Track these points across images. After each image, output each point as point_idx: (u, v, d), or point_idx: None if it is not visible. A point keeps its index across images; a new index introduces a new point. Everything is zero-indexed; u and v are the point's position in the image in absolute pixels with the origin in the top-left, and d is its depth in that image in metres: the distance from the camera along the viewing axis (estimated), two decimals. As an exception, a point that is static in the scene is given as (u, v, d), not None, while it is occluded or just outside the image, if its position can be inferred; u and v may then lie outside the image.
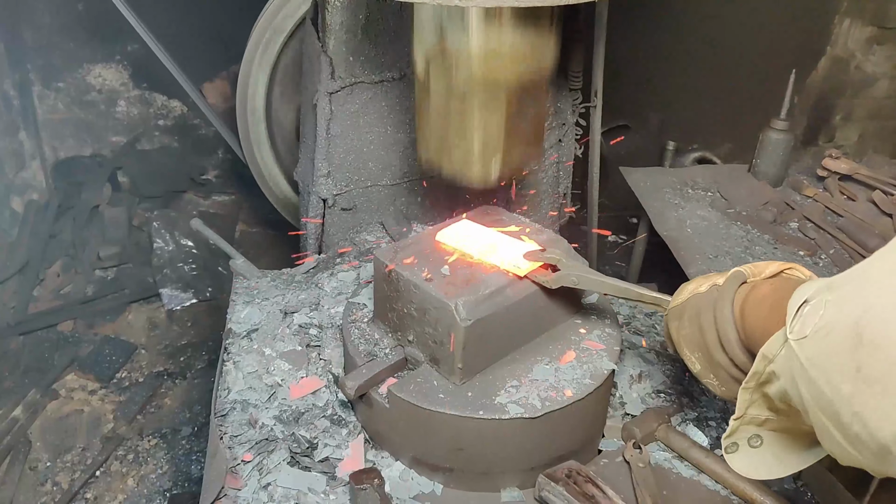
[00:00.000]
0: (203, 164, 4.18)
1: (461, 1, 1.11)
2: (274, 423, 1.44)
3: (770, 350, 0.89)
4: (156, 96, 3.98)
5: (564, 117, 2.07)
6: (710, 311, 1.10)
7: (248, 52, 2.60)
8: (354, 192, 1.96)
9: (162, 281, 3.36)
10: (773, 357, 0.88)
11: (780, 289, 1.03)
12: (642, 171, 2.39)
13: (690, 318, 1.15)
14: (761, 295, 1.04)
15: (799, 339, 0.82)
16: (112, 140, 4.06)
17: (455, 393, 1.31)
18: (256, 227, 4.00)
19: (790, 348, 0.84)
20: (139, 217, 3.83)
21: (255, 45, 2.58)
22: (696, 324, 1.13)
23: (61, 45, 3.77)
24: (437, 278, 1.36)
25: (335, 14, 1.76)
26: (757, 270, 1.11)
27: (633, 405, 1.53)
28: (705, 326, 1.11)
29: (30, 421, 2.71)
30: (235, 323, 1.69)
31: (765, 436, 1.04)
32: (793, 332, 0.84)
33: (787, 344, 0.84)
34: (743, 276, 1.10)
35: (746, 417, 1.02)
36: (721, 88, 3.65)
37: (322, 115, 1.83)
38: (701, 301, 1.14)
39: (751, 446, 1.06)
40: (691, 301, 1.17)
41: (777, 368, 0.88)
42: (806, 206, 2.21)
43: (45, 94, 3.90)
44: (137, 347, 3.13)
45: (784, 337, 0.85)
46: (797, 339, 0.83)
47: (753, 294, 1.06)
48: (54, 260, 3.55)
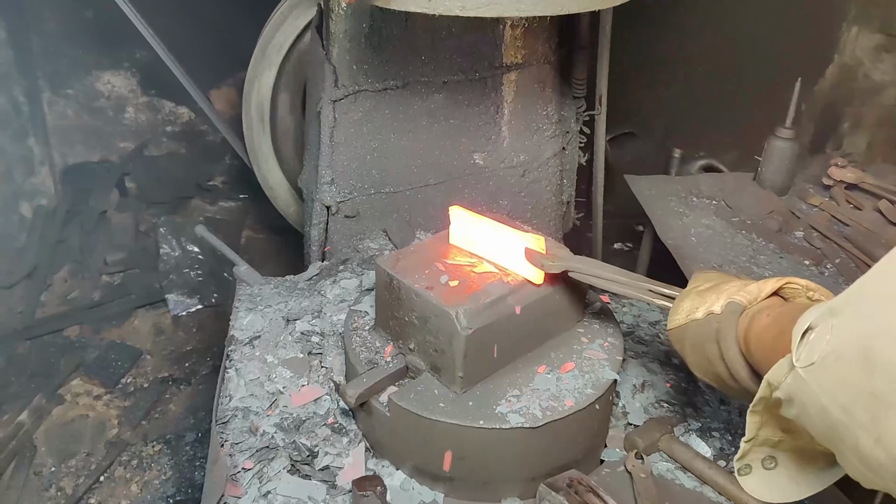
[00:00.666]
0: (210, 171, 4.19)
1: (461, 11, 1.12)
2: (275, 430, 1.44)
3: (775, 377, 0.87)
4: (164, 103, 4.00)
5: (568, 125, 2.07)
6: (714, 345, 1.07)
7: (253, 60, 2.61)
8: (358, 199, 1.97)
9: (168, 287, 3.37)
10: (778, 384, 0.86)
11: (781, 316, 1.00)
12: (647, 179, 2.39)
13: (693, 347, 1.13)
14: (763, 326, 1.02)
15: (806, 366, 0.81)
16: (120, 146, 4.07)
17: (456, 402, 1.31)
18: (263, 233, 4.00)
19: (797, 376, 0.82)
20: (146, 223, 3.85)
21: (260, 53, 2.59)
22: (702, 353, 1.11)
23: (70, 51, 3.80)
24: (438, 286, 1.36)
25: (339, 22, 1.77)
26: (752, 297, 1.07)
27: (636, 415, 1.52)
28: (713, 359, 1.08)
29: (35, 426, 2.72)
30: (238, 330, 1.69)
31: (779, 457, 1.02)
32: (799, 360, 0.82)
33: (794, 371, 0.83)
34: (740, 308, 1.07)
35: (759, 439, 1.00)
36: (728, 96, 3.63)
37: (326, 122, 1.84)
38: (700, 331, 1.11)
39: (765, 468, 1.04)
40: (690, 328, 1.13)
41: (784, 395, 0.86)
42: (812, 215, 2.20)
43: (55, 100, 3.92)
44: (143, 353, 3.13)
45: (790, 364, 0.84)
46: (804, 366, 0.81)
47: (755, 326, 1.03)
48: (62, 265, 3.57)
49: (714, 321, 1.08)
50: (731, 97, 3.61)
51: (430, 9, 1.14)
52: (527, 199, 2.07)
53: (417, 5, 1.15)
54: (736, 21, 3.45)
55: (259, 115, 2.73)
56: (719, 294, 1.10)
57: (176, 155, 4.14)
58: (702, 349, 1.10)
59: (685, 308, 1.15)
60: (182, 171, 4.10)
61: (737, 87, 3.58)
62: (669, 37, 3.49)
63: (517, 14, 1.13)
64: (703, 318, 1.10)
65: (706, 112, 3.70)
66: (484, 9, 1.11)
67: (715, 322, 1.08)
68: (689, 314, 1.13)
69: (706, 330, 1.09)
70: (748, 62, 3.53)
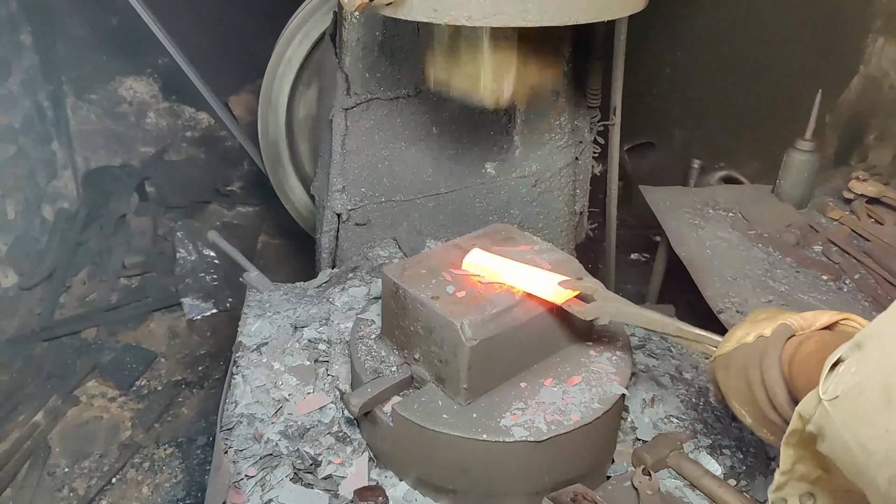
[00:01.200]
0: (228, 176, 4.24)
1: (467, 20, 1.11)
2: (279, 438, 1.44)
3: (805, 410, 0.84)
4: (184, 108, 4.05)
5: (582, 135, 2.05)
6: (758, 368, 1.04)
7: (270, 67, 2.63)
8: (368, 207, 1.97)
9: (184, 290, 3.39)
10: (809, 417, 0.84)
11: (827, 343, 0.96)
12: (662, 191, 2.36)
13: (737, 371, 1.10)
14: (808, 351, 0.99)
15: (831, 399, 0.78)
16: (141, 151, 4.13)
17: (460, 413, 1.30)
18: (279, 238, 4.03)
19: (824, 409, 0.80)
20: (164, 226, 3.89)
21: (277, 59, 2.61)
22: (744, 378, 1.08)
23: (94, 58, 3.86)
24: (444, 296, 1.34)
25: (352, 31, 1.77)
26: (806, 323, 1.04)
27: (645, 430, 1.50)
28: (754, 383, 1.05)
29: (50, 426, 2.75)
30: (246, 336, 1.70)
31: (819, 494, 0.96)
32: (826, 393, 0.80)
33: (822, 405, 0.80)
34: (790, 330, 1.04)
35: (795, 473, 0.95)
36: (749, 106, 3.59)
37: (337, 130, 1.84)
38: (748, 353, 1.08)
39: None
40: (738, 352, 1.10)
41: (815, 429, 0.84)
42: (831, 228, 2.16)
43: (79, 105, 3.99)
44: (157, 356, 3.16)
45: (818, 397, 0.81)
46: (829, 399, 0.79)
47: (801, 350, 1.00)
48: (81, 268, 3.61)
49: (762, 343, 1.06)
50: (753, 108, 3.57)
51: (436, 18, 1.14)
52: (538, 209, 2.06)
53: (424, 15, 1.14)
54: (759, 31, 3.41)
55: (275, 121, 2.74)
56: (774, 322, 1.08)
57: (195, 160, 4.19)
58: (745, 373, 1.07)
59: (738, 335, 1.12)
60: (201, 176, 4.15)
61: (759, 98, 3.55)
62: (689, 46, 3.46)
63: (523, 24, 1.12)
64: (753, 341, 1.08)
65: (727, 122, 3.66)
66: (490, 18, 1.10)
67: (763, 344, 1.06)
68: (740, 340, 1.11)
69: (753, 353, 1.06)
70: (770, 72, 3.49)
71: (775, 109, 3.48)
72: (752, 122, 3.61)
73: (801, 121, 2.29)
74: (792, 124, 2.38)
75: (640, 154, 3.80)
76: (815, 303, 1.83)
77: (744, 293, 1.84)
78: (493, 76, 1.43)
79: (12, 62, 3.44)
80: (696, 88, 3.58)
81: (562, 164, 2.03)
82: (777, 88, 3.48)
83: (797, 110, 2.60)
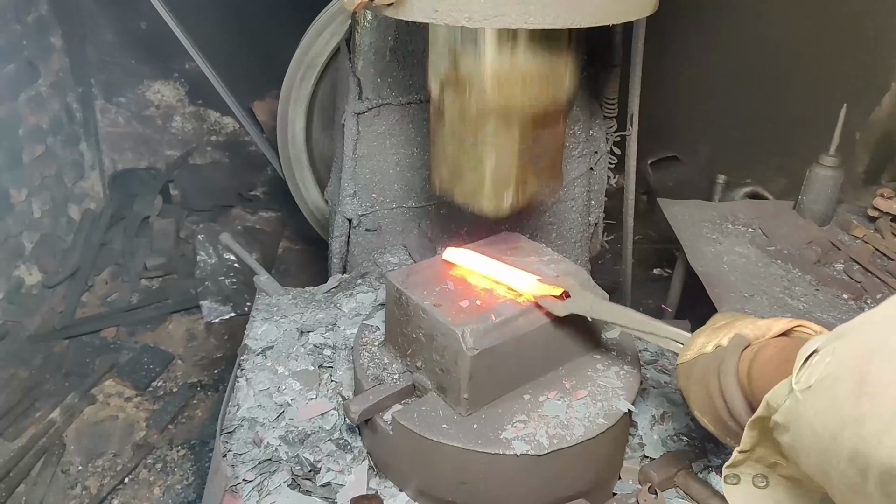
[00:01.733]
0: (252, 181, 4.27)
1: (468, 22, 1.10)
2: (279, 443, 1.43)
3: (775, 399, 0.83)
4: (210, 113, 4.10)
5: (597, 145, 2.02)
6: (716, 377, 1.04)
7: (289, 73, 2.64)
8: (379, 213, 1.96)
9: (203, 293, 3.42)
10: (777, 406, 0.82)
11: (787, 346, 0.96)
12: (681, 204, 2.32)
13: (697, 381, 1.10)
14: (766, 358, 0.98)
15: (804, 388, 0.77)
16: (167, 154, 4.19)
17: (460, 424, 1.28)
18: (300, 243, 4.05)
19: (795, 398, 0.78)
20: (186, 229, 3.93)
21: (296, 65, 2.62)
22: (704, 387, 1.07)
23: (124, 61, 3.93)
24: (447, 304, 1.33)
25: (365, 35, 1.77)
26: (760, 332, 1.04)
27: (653, 447, 1.46)
28: (713, 392, 1.05)
29: (66, 424, 2.78)
30: (252, 339, 1.69)
31: (772, 479, 0.97)
32: (799, 383, 0.78)
33: (793, 394, 0.79)
34: (745, 340, 1.04)
35: (754, 455, 0.96)
36: (777, 121, 3.53)
37: (349, 135, 1.84)
38: (707, 363, 1.08)
39: (755, 485, 0.99)
40: (698, 361, 1.10)
41: (781, 419, 0.82)
42: (854, 247, 2.10)
43: (107, 108, 4.06)
44: (174, 357, 3.18)
45: (790, 387, 0.80)
46: (802, 388, 0.77)
47: (759, 358, 0.99)
48: (104, 268, 3.66)
49: (720, 353, 1.06)
50: (782, 123, 3.51)
51: (436, 19, 1.13)
52: (551, 218, 2.03)
53: (424, 15, 1.14)
54: (789, 45, 3.36)
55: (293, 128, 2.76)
56: (731, 329, 1.08)
57: (219, 164, 4.23)
58: (705, 382, 1.07)
59: (698, 343, 1.12)
60: (224, 181, 4.19)
61: (787, 113, 3.48)
62: (717, 60, 3.42)
63: (525, 26, 1.11)
64: (712, 351, 1.08)
65: (754, 138, 3.60)
66: (491, 20, 1.09)
67: (720, 354, 1.06)
68: (700, 348, 1.11)
69: (712, 363, 1.06)
70: (799, 88, 3.42)
71: (804, 126, 3.41)
72: (780, 138, 3.55)
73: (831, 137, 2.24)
74: (821, 141, 2.33)
75: (665, 168, 3.76)
76: (835, 322, 1.78)
77: (760, 310, 1.79)
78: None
79: (42, 64, 3.51)
80: (721, 103, 3.53)
81: (576, 174, 2.00)
82: (806, 105, 3.41)
83: (827, 126, 2.54)
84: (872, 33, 3.27)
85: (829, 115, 2.23)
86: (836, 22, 3.28)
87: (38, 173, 3.47)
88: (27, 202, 3.40)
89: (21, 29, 3.30)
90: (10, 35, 3.23)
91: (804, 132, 3.41)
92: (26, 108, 3.36)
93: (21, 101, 3.33)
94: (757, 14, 3.30)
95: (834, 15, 3.26)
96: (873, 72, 3.41)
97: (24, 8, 3.32)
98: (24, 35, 3.33)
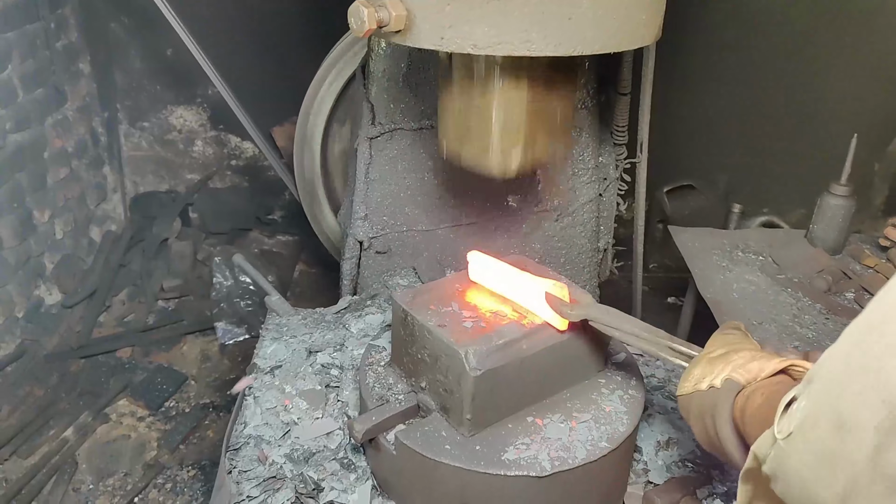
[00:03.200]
0: (270, 205, 4.33)
1: (473, 49, 1.13)
2: (284, 461, 1.44)
3: (760, 450, 0.83)
4: (230, 137, 4.17)
5: (607, 172, 2.04)
6: (712, 420, 1.04)
7: (306, 100, 2.69)
8: (390, 235, 1.98)
9: (218, 315, 3.46)
10: (764, 458, 0.82)
11: (773, 394, 0.96)
12: (692, 232, 2.32)
13: (695, 418, 1.10)
14: (755, 405, 0.98)
15: (786, 436, 0.77)
16: (187, 177, 4.26)
17: (463, 445, 1.28)
18: (316, 267, 4.08)
19: (779, 448, 0.78)
20: (204, 252, 3.98)
21: (314, 93, 2.67)
22: (703, 426, 1.08)
23: (149, 87, 4.02)
24: (452, 325, 1.34)
25: (378, 62, 1.81)
26: (750, 375, 1.03)
27: (658, 473, 1.45)
28: (710, 434, 1.06)
29: (79, 443, 2.80)
30: (261, 358, 1.71)
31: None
32: (780, 431, 0.78)
33: (777, 444, 0.78)
34: (737, 386, 1.03)
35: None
36: (795, 152, 3.54)
37: (362, 159, 1.87)
38: (702, 402, 1.08)
39: None
40: (695, 398, 1.10)
41: (769, 470, 0.82)
42: (865, 276, 2.08)
43: (131, 132, 4.15)
44: (188, 378, 3.21)
45: (773, 437, 0.80)
46: (784, 437, 0.77)
47: (749, 405, 0.99)
48: (122, 288, 3.72)
49: (713, 395, 1.05)
50: (799, 154, 3.52)
51: (443, 46, 1.16)
52: (560, 243, 2.04)
53: (431, 43, 1.17)
54: (806, 77, 3.37)
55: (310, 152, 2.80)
56: (726, 364, 1.07)
57: (238, 188, 4.30)
58: (702, 422, 1.07)
59: (695, 376, 1.12)
60: (243, 204, 4.25)
61: (805, 144, 3.49)
62: (735, 91, 3.44)
63: (527, 53, 1.14)
64: (706, 390, 1.07)
65: (771, 168, 3.60)
66: (495, 47, 1.12)
67: (713, 397, 1.05)
68: (696, 383, 1.10)
69: (707, 403, 1.06)
70: (817, 119, 3.43)
71: (822, 156, 3.40)
72: (797, 168, 3.54)
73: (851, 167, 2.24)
74: (838, 171, 2.33)
75: (681, 197, 3.76)
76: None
77: (770, 338, 1.78)
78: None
79: (70, 89, 3.61)
80: (738, 132, 3.54)
81: (585, 200, 2.02)
82: (823, 135, 3.41)
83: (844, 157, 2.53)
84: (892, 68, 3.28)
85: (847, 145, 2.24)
86: (856, 56, 3.29)
87: (61, 195, 3.56)
88: (50, 223, 3.47)
89: (50, 55, 3.41)
90: (40, 61, 3.33)
91: (822, 162, 3.39)
92: (52, 132, 3.46)
93: (48, 125, 3.42)
94: (775, 46, 3.32)
95: (853, 49, 3.28)
96: (892, 104, 3.41)
97: (54, 35, 3.43)
98: (53, 61, 3.43)
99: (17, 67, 3.14)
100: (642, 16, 1.29)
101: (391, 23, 1.21)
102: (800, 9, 3.25)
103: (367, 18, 1.19)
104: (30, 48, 3.24)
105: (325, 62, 2.63)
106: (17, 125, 3.16)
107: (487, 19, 1.17)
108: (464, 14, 1.19)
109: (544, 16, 1.15)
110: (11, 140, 3.14)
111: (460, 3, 1.18)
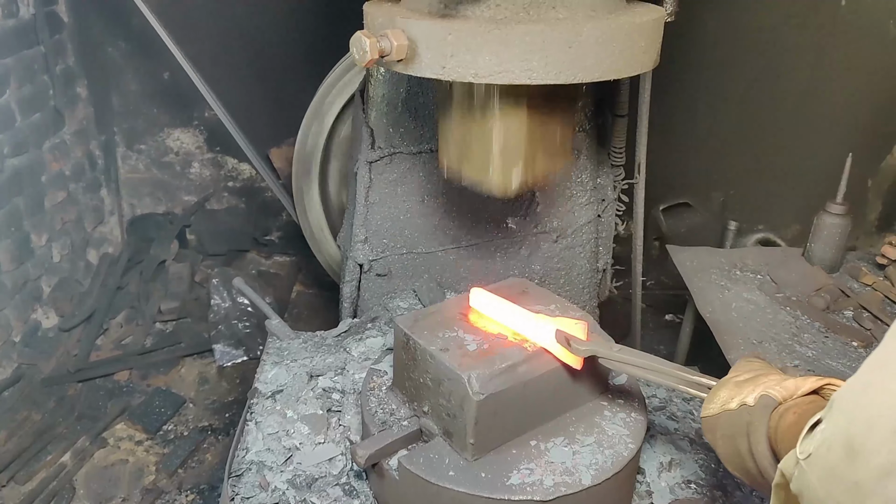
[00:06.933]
0: (268, 226, 4.33)
1: (474, 77, 1.14)
2: (286, 487, 1.43)
3: (786, 468, 0.84)
4: (227, 159, 4.18)
5: (605, 193, 2.06)
6: (745, 439, 1.03)
7: (304, 123, 2.71)
8: (390, 258, 1.99)
9: (216, 337, 3.44)
10: (790, 476, 0.83)
11: (805, 414, 0.95)
12: (690, 251, 2.33)
13: (724, 439, 1.09)
14: (788, 424, 0.98)
15: (806, 457, 0.79)
16: (184, 199, 4.26)
17: (466, 470, 1.28)
18: (313, 288, 4.08)
19: (801, 468, 0.80)
20: (201, 274, 3.97)
21: (312, 115, 2.69)
22: (733, 446, 1.07)
23: (146, 110, 4.03)
24: (454, 349, 1.34)
25: (378, 87, 1.83)
26: (787, 392, 1.03)
27: (661, 495, 1.45)
28: (743, 454, 1.04)
29: (76, 468, 2.78)
30: (262, 383, 1.71)
31: None
32: (802, 452, 0.80)
33: (799, 464, 0.80)
34: (774, 402, 1.02)
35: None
36: (790, 169, 3.56)
37: (361, 182, 1.89)
38: (733, 422, 1.07)
39: None
40: (722, 418, 1.09)
41: (795, 489, 0.83)
42: (863, 294, 2.10)
43: (128, 154, 4.15)
44: (186, 401, 3.19)
45: (796, 457, 0.81)
46: (804, 458, 0.79)
47: (782, 424, 0.99)
48: (119, 311, 3.70)
49: (746, 413, 1.04)
50: (794, 170, 3.54)
51: (443, 75, 1.18)
52: (560, 264, 2.05)
53: (433, 72, 1.19)
54: (798, 96, 3.40)
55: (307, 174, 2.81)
56: (756, 386, 1.06)
57: (235, 209, 4.30)
58: (733, 442, 1.06)
59: (721, 397, 1.11)
60: (240, 226, 4.25)
61: (800, 161, 3.51)
62: (729, 109, 3.46)
63: (528, 82, 1.15)
64: (737, 408, 1.06)
65: (766, 185, 3.62)
66: (496, 76, 1.14)
67: (747, 415, 1.04)
68: (723, 404, 1.10)
69: (738, 422, 1.05)
70: (812, 135, 3.46)
71: (817, 173, 3.43)
72: (792, 185, 3.57)
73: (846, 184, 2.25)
74: (834, 188, 2.35)
75: (677, 215, 3.78)
76: (844, 369, 1.77)
77: (769, 357, 1.79)
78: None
79: (68, 113, 3.62)
80: (734, 150, 3.56)
81: (583, 221, 2.03)
82: (818, 152, 3.44)
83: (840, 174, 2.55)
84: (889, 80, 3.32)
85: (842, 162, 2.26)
86: (848, 73, 3.33)
87: (58, 218, 3.55)
88: (47, 247, 3.47)
89: (48, 79, 3.42)
90: (37, 86, 3.34)
91: (817, 179, 3.42)
92: (49, 155, 3.46)
93: (45, 149, 3.43)
94: (768, 65, 3.36)
95: (846, 66, 3.32)
96: (886, 119, 3.44)
97: (52, 59, 3.44)
98: (51, 85, 3.45)
99: (14, 92, 3.15)
100: (641, 42, 1.31)
101: (393, 52, 1.22)
102: (792, 27, 3.29)
103: (370, 48, 1.20)
104: (27, 73, 3.25)
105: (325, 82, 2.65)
106: (14, 149, 3.17)
107: (489, 48, 1.19)
108: (465, 43, 1.20)
109: (545, 44, 1.17)
110: (9, 164, 3.14)
111: (462, 32, 1.19)
